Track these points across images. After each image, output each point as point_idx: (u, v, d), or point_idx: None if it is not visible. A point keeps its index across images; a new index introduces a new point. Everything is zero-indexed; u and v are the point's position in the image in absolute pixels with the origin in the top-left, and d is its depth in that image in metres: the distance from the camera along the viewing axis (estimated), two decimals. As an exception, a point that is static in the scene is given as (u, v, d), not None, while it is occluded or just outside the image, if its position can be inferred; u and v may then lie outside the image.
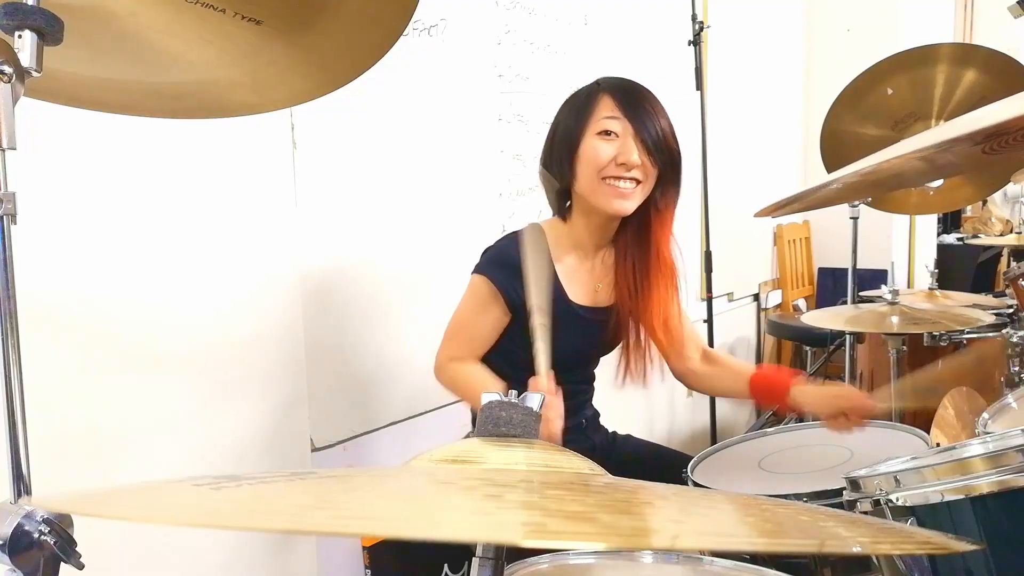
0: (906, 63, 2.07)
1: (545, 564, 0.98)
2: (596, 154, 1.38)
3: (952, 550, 0.45)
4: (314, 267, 1.60)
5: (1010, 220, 5.39)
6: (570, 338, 1.47)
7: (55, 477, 1.17)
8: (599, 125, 1.39)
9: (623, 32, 2.52)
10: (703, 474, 1.41)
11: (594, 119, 1.39)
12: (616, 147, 1.38)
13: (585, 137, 1.40)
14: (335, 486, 0.52)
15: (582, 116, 1.41)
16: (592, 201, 1.42)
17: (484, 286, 1.44)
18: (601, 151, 1.38)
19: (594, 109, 1.40)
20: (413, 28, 1.78)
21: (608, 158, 1.38)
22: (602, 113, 1.39)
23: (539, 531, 0.42)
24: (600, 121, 1.39)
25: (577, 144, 1.40)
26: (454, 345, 1.48)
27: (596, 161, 1.38)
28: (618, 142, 1.38)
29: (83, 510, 0.49)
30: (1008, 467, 0.81)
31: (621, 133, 1.38)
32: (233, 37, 0.85)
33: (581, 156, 1.40)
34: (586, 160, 1.40)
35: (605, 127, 1.39)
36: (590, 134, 1.40)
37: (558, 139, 1.45)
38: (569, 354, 1.49)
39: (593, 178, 1.39)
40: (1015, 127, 0.69)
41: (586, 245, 1.51)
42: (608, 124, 1.39)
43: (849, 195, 1.73)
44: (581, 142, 1.40)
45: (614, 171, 1.38)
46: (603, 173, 1.39)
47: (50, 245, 1.21)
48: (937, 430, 1.83)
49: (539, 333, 1.01)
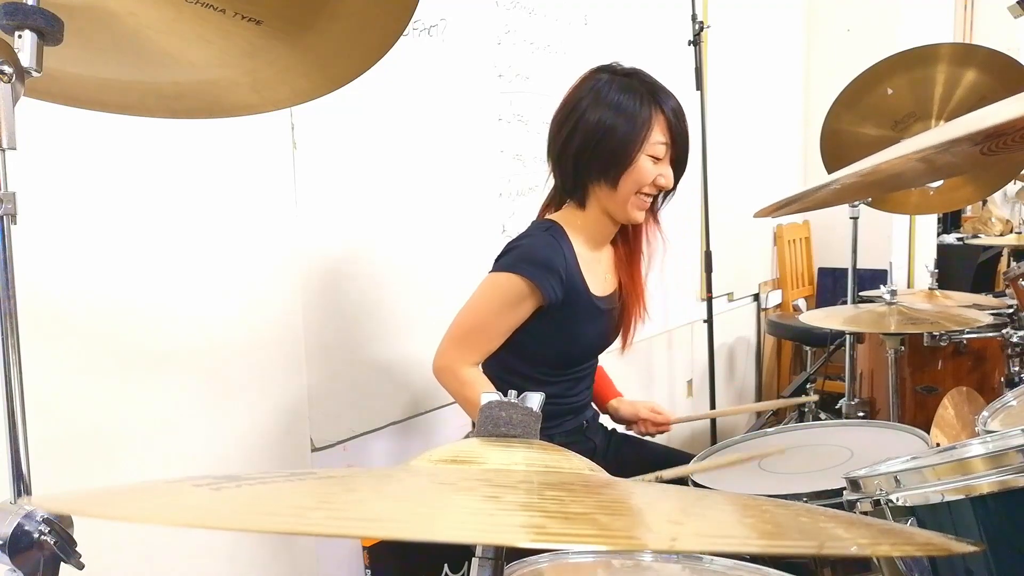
0: (906, 63, 2.07)
1: (545, 564, 0.98)
2: (646, 174, 1.44)
3: (952, 551, 0.45)
4: (314, 267, 1.60)
5: (1010, 220, 5.39)
6: (588, 331, 1.51)
7: (55, 477, 1.17)
8: (653, 149, 1.44)
9: (623, 32, 2.52)
10: (703, 474, 1.41)
11: (649, 142, 1.43)
12: (659, 170, 1.45)
13: (640, 156, 1.43)
14: (335, 486, 0.52)
15: (640, 133, 1.43)
16: (615, 208, 1.47)
17: (519, 284, 1.42)
18: (648, 171, 1.44)
19: (651, 129, 1.43)
20: (413, 28, 1.78)
21: (651, 179, 1.45)
22: (656, 137, 1.44)
23: (539, 532, 0.42)
24: (654, 146, 1.44)
25: (631, 161, 1.43)
26: (467, 347, 1.45)
27: (643, 180, 1.45)
28: (660, 165, 1.45)
29: (83, 510, 0.49)
30: (1008, 467, 0.81)
31: (664, 159, 1.46)
32: (233, 37, 0.85)
33: (631, 174, 1.44)
34: (636, 178, 1.44)
35: (656, 153, 1.44)
36: (644, 154, 1.44)
37: (605, 144, 1.43)
38: (585, 346, 1.52)
39: (631, 196, 1.46)
40: (1015, 127, 0.68)
41: (598, 237, 1.53)
42: (659, 150, 1.44)
43: (849, 195, 1.73)
44: (636, 161, 1.43)
45: (649, 189, 1.46)
46: (643, 191, 1.46)
47: (50, 245, 1.21)
48: (937, 430, 1.83)
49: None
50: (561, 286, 1.42)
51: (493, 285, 1.44)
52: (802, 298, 3.95)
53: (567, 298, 1.44)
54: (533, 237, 1.46)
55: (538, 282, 1.40)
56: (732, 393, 3.56)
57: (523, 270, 1.41)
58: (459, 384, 1.46)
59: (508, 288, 1.42)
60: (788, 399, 2.84)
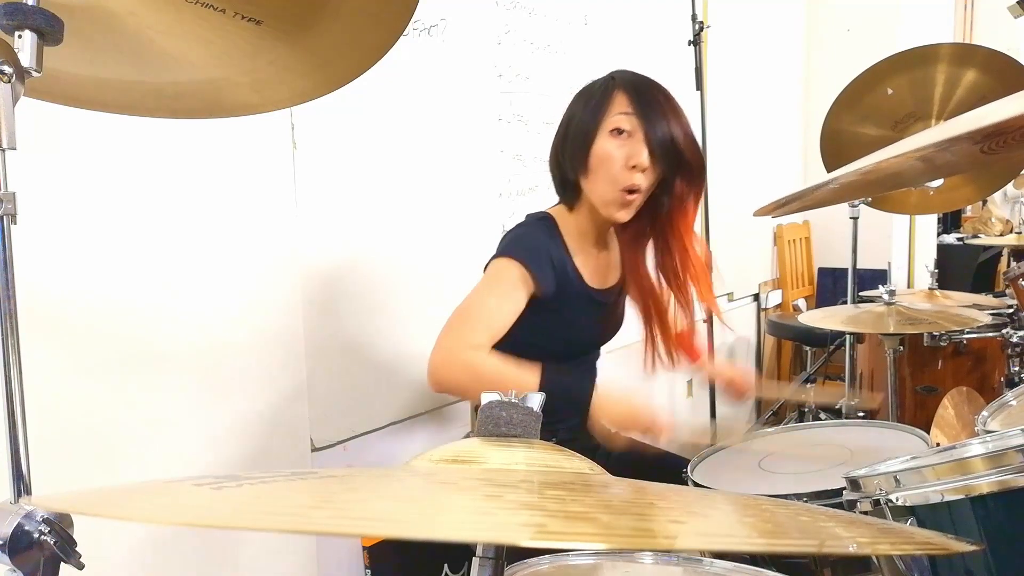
0: (906, 63, 2.07)
1: (545, 564, 0.98)
2: (610, 157, 1.38)
3: (952, 551, 0.45)
4: (314, 267, 1.60)
5: (1010, 220, 5.39)
6: (584, 322, 1.50)
7: (55, 477, 1.17)
8: (612, 122, 1.38)
9: (623, 32, 2.52)
10: (703, 474, 1.41)
11: (608, 116, 1.39)
12: (627, 148, 1.37)
13: (600, 134, 1.39)
14: (335, 486, 0.52)
15: (597, 112, 1.40)
16: (598, 205, 1.43)
17: (514, 269, 1.38)
18: (614, 154, 1.38)
19: (609, 105, 1.40)
20: (413, 28, 1.78)
21: (621, 162, 1.37)
22: (616, 109, 1.39)
23: (539, 531, 0.42)
24: (613, 117, 1.38)
25: (592, 141, 1.40)
26: (470, 331, 1.33)
27: (610, 165, 1.38)
28: (629, 142, 1.38)
29: (83, 510, 0.49)
30: (1008, 467, 0.81)
31: (632, 131, 1.38)
32: (233, 37, 0.85)
33: (595, 154, 1.40)
34: (600, 161, 1.39)
35: (618, 124, 1.38)
36: (604, 132, 1.39)
37: (572, 132, 1.44)
38: (582, 338, 1.51)
39: (606, 182, 1.39)
40: (1015, 127, 0.69)
41: (592, 232, 1.52)
42: (620, 121, 1.38)
43: (849, 195, 1.73)
44: (596, 139, 1.40)
45: (628, 179, 1.38)
46: (619, 184, 1.38)
47: (50, 245, 1.21)
48: (937, 430, 1.83)
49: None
50: (553, 272, 1.42)
51: (491, 271, 1.43)
52: (802, 298, 3.95)
53: (559, 286, 1.43)
54: (527, 226, 1.47)
55: (532, 266, 1.39)
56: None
57: (518, 254, 1.40)
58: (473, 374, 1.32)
59: (505, 271, 1.40)
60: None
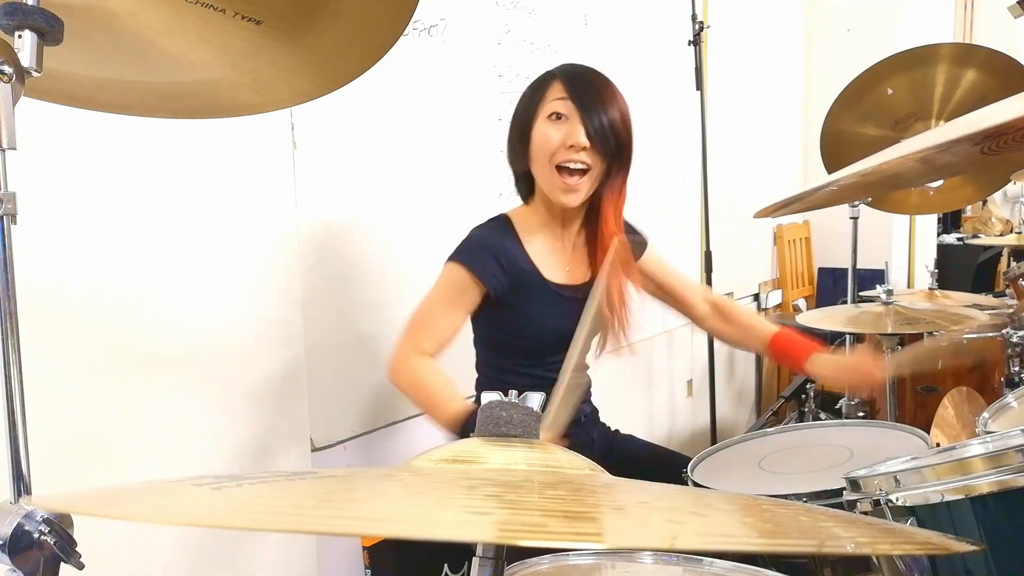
0: (906, 63, 2.07)
1: (545, 564, 0.98)
2: (546, 139, 1.40)
3: (952, 551, 0.45)
4: (314, 267, 1.60)
5: (1010, 220, 5.39)
6: (548, 316, 1.50)
7: (55, 477, 1.17)
8: (549, 108, 1.41)
9: (623, 32, 2.52)
10: (703, 474, 1.41)
11: (544, 102, 1.42)
12: (564, 130, 1.40)
13: (537, 121, 1.42)
14: (335, 486, 0.52)
15: (534, 100, 1.44)
16: (546, 191, 1.45)
17: (458, 271, 1.44)
18: (551, 135, 1.40)
19: (545, 93, 1.43)
20: (413, 28, 1.78)
21: (557, 142, 1.39)
22: (552, 95, 1.42)
23: (539, 531, 0.42)
24: (550, 104, 1.41)
25: (529, 128, 1.43)
26: (418, 335, 1.43)
27: (547, 146, 1.40)
28: (566, 125, 1.40)
29: (83, 510, 0.49)
30: (1008, 467, 0.81)
31: (569, 115, 1.40)
32: (233, 37, 0.85)
33: (533, 140, 1.43)
34: (537, 145, 1.42)
35: (554, 109, 1.41)
36: (541, 118, 1.42)
37: (514, 124, 1.48)
38: (550, 333, 1.50)
39: (546, 165, 1.41)
40: (1015, 127, 0.69)
41: (552, 225, 1.52)
42: (557, 106, 1.41)
43: (849, 195, 1.73)
44: (533, 126, 1.43)
45: (564, 155, 1.40)
46: (555, 160, 1.40)
47: (50, 245, 1.21)
48: (937, 430, 1.83)
49: (563, 389, 0.97)
50: (502, 271, 1.44)
51: (437, 277, 1.47)
52: (802, 298, 3.95)
53: (516, 283, 1.45)
54: (477, 228, 1.50)
55: (476, 269, 1.42)
56: (732, 393, 3.56)
57: (461, 257, 1.44)
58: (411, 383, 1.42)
59: (449, 276, 1.45)
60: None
